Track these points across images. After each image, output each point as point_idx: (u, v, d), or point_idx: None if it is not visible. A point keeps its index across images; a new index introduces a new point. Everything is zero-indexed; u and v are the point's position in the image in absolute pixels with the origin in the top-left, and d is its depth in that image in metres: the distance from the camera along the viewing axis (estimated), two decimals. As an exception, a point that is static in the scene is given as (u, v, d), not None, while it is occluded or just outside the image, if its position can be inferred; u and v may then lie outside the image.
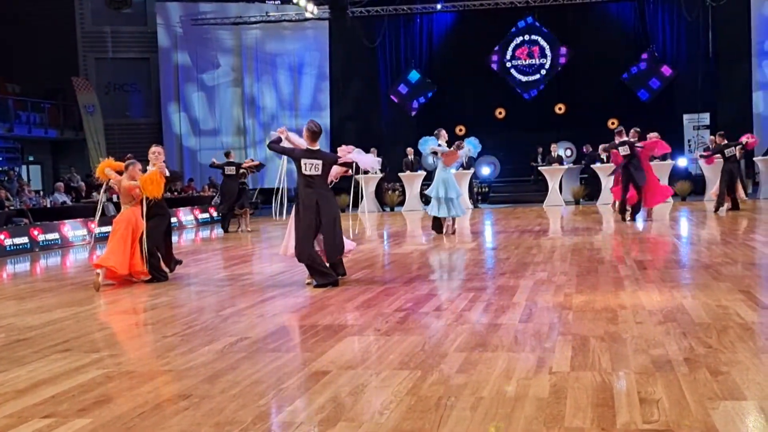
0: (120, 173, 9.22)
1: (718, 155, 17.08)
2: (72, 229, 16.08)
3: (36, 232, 15.09)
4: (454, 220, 13.75)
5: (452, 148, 13.39)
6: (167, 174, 9.16)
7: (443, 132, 13.64)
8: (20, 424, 3.88)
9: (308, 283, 8.15)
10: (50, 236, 15.39)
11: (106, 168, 9.35)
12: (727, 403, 3.73)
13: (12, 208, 16.64)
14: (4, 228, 14.71)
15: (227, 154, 17.58)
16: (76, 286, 9.39)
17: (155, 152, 9.26)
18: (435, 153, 13.35)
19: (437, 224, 13.57)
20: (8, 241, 14.36)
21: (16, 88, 25.66)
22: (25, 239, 14.75)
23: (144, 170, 9.26)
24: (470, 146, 13.48)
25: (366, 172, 8.30)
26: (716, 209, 16.33)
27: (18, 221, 15.75)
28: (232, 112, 27.04)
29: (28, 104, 25.16)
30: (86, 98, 25.68)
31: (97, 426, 3.81)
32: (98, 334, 6.15)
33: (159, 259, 9.25)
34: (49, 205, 18.33)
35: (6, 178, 19.87)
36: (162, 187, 9.09)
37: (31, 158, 26.31)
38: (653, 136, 15.54)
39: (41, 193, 20.44)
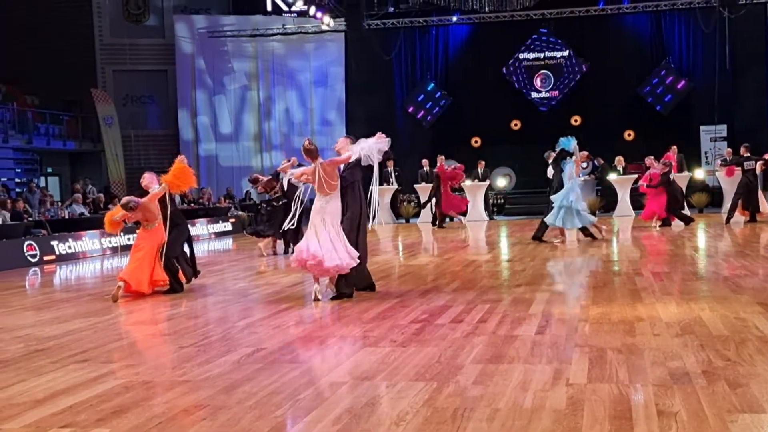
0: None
1: (738, 167, 17.00)
2: (89, 240, 16.21)
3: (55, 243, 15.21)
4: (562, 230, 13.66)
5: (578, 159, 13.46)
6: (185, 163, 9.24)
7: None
8: (39, 434, 3.92)
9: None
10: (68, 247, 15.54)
11: (112, 217, 9.37)
12: (746, 416, 3.71)
13: (31, 219, 16.77)
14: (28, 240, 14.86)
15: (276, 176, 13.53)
16: (93, 296, 9.45)
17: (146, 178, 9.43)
18: (565, 157, 13.35)
19: (542, 231, 13.63)
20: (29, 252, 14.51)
21: (35, 100, 25.88)
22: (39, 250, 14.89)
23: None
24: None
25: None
26: (727, 221, 16.31)
27: (36, 232, 15.88)
28: (248, 125, 27.14)
29: (47, 116, 25.36)
30: (105, 110, 25.88)
31: (114, 436, 3.83)
32: (116, 345, 6.19)
33: (178, 269, 9.31)
34: (67, 217, 18.46)
35: (26, 189, 20.03)
36: (191, 175, 9.21)
37: (49, 170, 26.50)
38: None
39: (59, 204, 20.59)
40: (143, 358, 5.60)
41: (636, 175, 19.87)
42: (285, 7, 26.24)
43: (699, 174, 22.08)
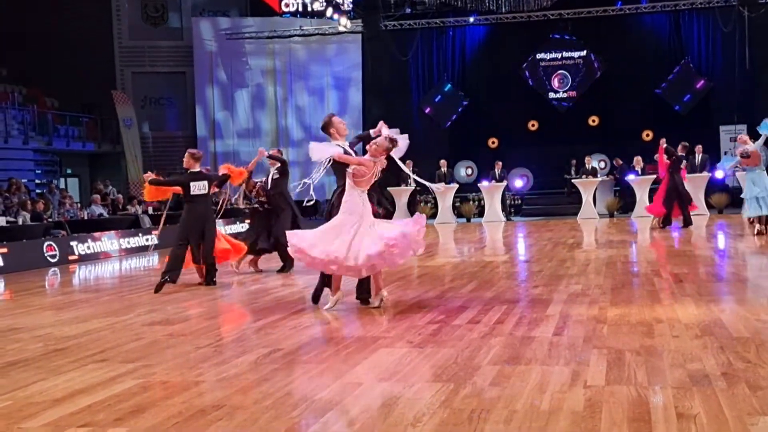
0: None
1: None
2: (108, 241, 16.33)
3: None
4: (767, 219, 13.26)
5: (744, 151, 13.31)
6: (146, 181, 10.13)
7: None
8: (57, 433, 3.94)
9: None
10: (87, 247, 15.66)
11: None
12: (767, 418, 3.66)
13: (50, 220, 16.91)
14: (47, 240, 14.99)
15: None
16: (112, 297, 9.51)
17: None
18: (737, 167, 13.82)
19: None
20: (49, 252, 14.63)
21: (55, 103, 26.11)
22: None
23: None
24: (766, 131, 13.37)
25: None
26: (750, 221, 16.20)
27: (56, 233, 16.01)
28: (265, 125, 27.25)
29: (67, 118, 25.58)
30: (125, 111, 26.07)
31: (132, 435, 3.85)
32: (133, 345, 6.22)
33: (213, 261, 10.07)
34: (86, 217, 18.60)
35: (46, 190, 20.21)
36: (149, 192, 10.39)
37: (69, 171, 26.72)
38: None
39: (78, 205, 20.75)
40: (161, 358, 5.62)
41: (654, 176, 19.72)
42: (301, 9, 26.32)
43: (718, 174, 21.88)
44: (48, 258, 14.64)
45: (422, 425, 3.78)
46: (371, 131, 7.66)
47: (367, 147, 7.45)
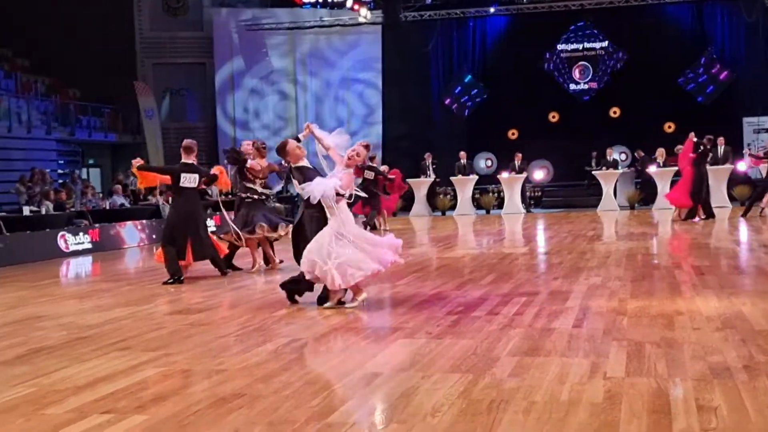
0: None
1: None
2: (129, 231, 16.47)
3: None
4: None
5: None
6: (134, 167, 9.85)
7: None
8: (80, 419, 3.99)
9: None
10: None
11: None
12: (788, 412, 3.64)
13: (72, 209, 17.06)
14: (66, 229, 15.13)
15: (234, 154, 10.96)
16: (133, 286, 9.60)
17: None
18: None
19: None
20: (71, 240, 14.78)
21: (77, 93, 26.30)
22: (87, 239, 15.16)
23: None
24: None
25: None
26: (761, 212, 16.07)
27: (78, 222, 16.15)
28: (285, 116, 27.30)
29: (89, 109, 25.75)
30: (146, 102, 26.20)
31: (153, 423, 3.89)
32: (155, 334, 6.27)
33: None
34: (107, 207, 18.74)
35: (68, 180, 20.37)
36: (140, 178, 10.19)
37: (91, 161, 26.92)
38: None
39: (100, 195, 20.93)
40: (182, 347, 5.67)
41: (676, 168, 19.59)
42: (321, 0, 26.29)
43: (741, 166, 21.66)
44: (71, 247, 14.77)
45: (441, 415, 3.80)
46: (300, 135, 7.46)
47: (340, 158, 7.09)
